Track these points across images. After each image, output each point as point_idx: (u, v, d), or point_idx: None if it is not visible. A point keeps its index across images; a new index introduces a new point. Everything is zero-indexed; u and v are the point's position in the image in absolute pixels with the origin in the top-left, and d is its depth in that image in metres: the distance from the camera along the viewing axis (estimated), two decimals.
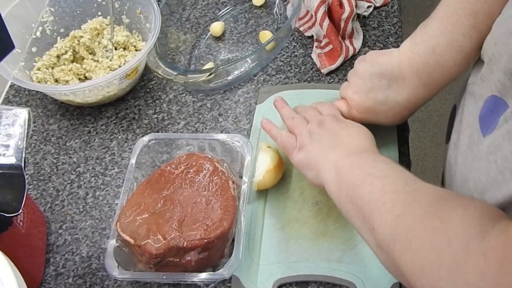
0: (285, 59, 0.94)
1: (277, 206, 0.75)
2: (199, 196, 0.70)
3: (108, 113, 0.90)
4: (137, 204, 0.70)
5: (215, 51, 0.97)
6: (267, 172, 0.74)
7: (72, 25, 0.97)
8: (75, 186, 0.81)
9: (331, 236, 0.71)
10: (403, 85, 0.70)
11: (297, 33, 0.97)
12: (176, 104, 0.90)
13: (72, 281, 0.72)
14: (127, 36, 0.94)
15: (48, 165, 0.84)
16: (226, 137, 0.77)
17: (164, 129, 0.87)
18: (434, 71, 0.68)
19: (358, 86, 0.73)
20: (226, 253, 0.69)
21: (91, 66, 0.91)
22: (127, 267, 0.68)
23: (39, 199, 0.80)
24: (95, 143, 0.86)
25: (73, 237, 0.76)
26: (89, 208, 0.79)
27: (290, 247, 0.71)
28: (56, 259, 0.74)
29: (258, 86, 0.90)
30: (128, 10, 0.95)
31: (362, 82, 0.72)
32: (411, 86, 0.70)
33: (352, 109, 0.74)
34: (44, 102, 0.93)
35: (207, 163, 0.73)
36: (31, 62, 0.91)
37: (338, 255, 0.69)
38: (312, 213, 0.74)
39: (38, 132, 0.89)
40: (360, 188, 0.57)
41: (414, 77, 0.69)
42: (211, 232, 0.66)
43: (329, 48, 0.90)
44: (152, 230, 0.66)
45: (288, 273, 0.68)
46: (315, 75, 0.90)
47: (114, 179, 0.82)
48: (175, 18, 1.00)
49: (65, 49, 0.92)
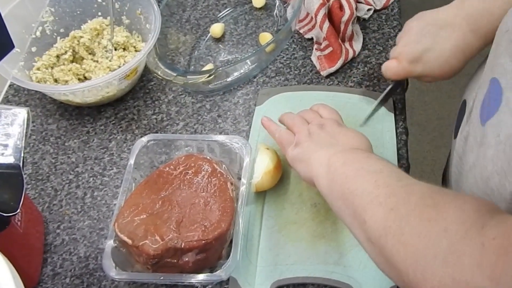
0: (284, 61, 0.94)
1: (275, 208, 0.75)
2: (197, 197, 0.70)
3: (107, 113, 0.90)
4: (135, 205, 0.70)
5: (215, 53, 0.97)
6: (266, 173, 0.74)
7: (72, 25, 0.97)
8: (73, 186, 0.81)
9: (329, 238, 0.71)
10: (452, 31, 0.71)
11: (297, 35, 0.97)
12: (175, 105, 0.90)
13: (69, 281, 0.72)
14: (127, 37, 0.94)
15: (47, 165, 0.84)
16: (225, 139, 0.77)
17: (163, 130, 0.87)
18: (482, 18, 0.68)
19: (406, 39, 0.74)
20: (224, 255, 0.69)
21: (90, 67, 0.91)
22: (124, 268, 0.68)
23: (37, 198, 0.80)
24: (93, 143, 0.86)
25: (71, 237, 0.76)
26: (87, 208, 0.79)
27: (288, 249, 0.71)
28: (54, 259, 0.74)
29: (258, 88, 0.90)
30: (128, 10, 0.95)
31: (410, 35, 0.73)
32: (460, 32, 0.70)
33: (402, 61, 0.74)
34: (43, 102, 0.93)
35: (206, 164, 0.73)
36: (30, 62, 0.91)
37: (335, 257, 0.69)
38: (310, 215, 0.74)
39: (37, 131, 0.88)
40: (352, 182, 0.56)
41: (463, 23, 0.70)
42: (209, 234, 0.66)
43: (329, 51, 0.90)
44: (150, 231, 0.66)
45: (285, 275, 0.68)
46: (314, 77, 0.91)
47: (112, 180, 0.82)
48: (175, 19, 1.00)
49: (65, 49, 0.92)
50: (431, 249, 0.44)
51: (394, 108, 0.84)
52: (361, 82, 0.89)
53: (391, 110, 0.83)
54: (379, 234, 0.50)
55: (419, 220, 0.46)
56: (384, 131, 0.81)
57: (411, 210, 0.48)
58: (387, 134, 0.80)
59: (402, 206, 0.49)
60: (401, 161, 0.78)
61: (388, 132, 0.81)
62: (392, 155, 0.78)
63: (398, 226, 0.48)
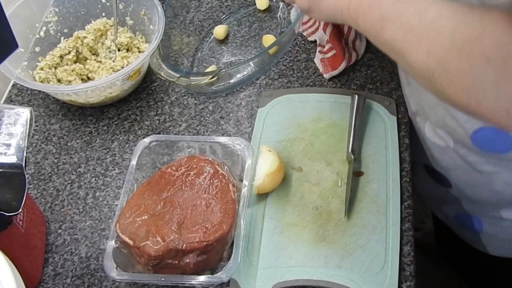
0: (287, 63, 0.94)
1: (276, 210, 0.75)
2: (199, 198, 0.70)
3: (110, 114, 0.90)
4: (137, 206, 0.70)
5: (218, 54, 0.97)
6: (268, 175, 0.74)
7: (76, 26, 0.97)
8: (75, 186, 0.81)
9: (330, 241, 0.71)
10: None
11: (300, 38, 0.97)
12: (178, 106, 0.90)
13: (70, 282, 0.72)
14: (130, 38, 0.94)
15: (49, 165, 0.84)
16: (227, 140, 0.77)
17: (166, 131, 0.87)
18: None
19: None
20: (225, 256, 0.69)
21: (94, 67, 0.91)
22: (125, 269, 0.68)
23: (39, 198, 0.80)
24: (96, 143, 0.86)
25: (72, 237, 0.76)
26: (89, 208, 0.79)
27: (289, 252, 0.71)
28: (55, 259, 0.74)
29: (260, 90, 0.90)
30: (132, 11, 0.95)
31: None
32: None
33: None
34: (46, 102, 0.93)
35: (208, 165, 0.73)
36: (34, 62, 0.91)
37: (337, 260, 0.69)
38: (312, 217, 0.74)
39: (39, 131, 0.89)
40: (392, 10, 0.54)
41: None
42: (210, 235, 0.66)
43: (332, 53, 0.90)
44: (151, 232, 0.66)
45: (286, 277, 0.68)
46: (317, 80, 0.90)
47: (114, 180, 0.82)
48: (178, 21, 1.01)
49: (69, 49, 0.92)
50: (479, 76, 0.45)
51: (396, 111, 0.84)
52: (364, 85, 0.89)
53: (393, 113, 0.83)
54: (426, 75, 0.50)
55: (459, 56, 0.47)
56: (387, 134, 0.81)
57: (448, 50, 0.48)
58: (390, 137, 0.80)
59: (438, 48, 0.49)
60: (404, 164, 0.78)
61: (391, 135, 0.81)
62: (394, 158, 0.78)
63: (441, 68, 0.49)
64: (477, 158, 0.72)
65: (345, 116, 0.83)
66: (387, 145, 0.80)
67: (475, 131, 0.67)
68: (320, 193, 0.76)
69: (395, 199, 0.74)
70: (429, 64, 0.49)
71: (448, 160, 0.77)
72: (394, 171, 0.77)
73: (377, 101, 0.85)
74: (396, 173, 0.76)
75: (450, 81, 0.48)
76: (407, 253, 0.70)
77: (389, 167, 0.77)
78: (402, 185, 0.76)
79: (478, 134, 0.67)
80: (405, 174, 0.77)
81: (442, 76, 0.49)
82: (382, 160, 0.78)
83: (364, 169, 0.78)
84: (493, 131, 0.65)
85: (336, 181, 0.77)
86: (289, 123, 0.84)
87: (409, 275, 0.68)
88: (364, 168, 0.78)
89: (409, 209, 0.74)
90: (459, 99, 0.48)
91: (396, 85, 0.87)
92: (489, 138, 0.66)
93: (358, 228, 0.72)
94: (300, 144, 0.81)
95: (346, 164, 0.78)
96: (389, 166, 0.77)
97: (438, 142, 0.76)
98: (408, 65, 0.53)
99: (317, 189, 0.76)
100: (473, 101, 0.47)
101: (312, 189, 0.76)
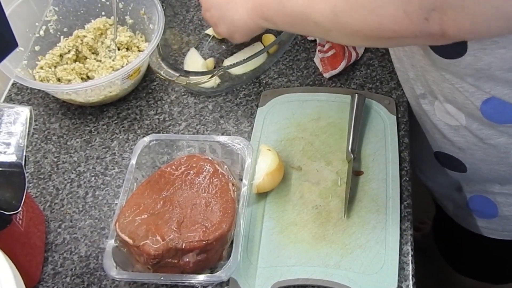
0: (287, 62, 0.94)
1: (276, 209, 0.75)
2: (199, 197, 0.70)
3: (110, 113, 0.90)
4: (136, 205, 0.70)
5: (218, 53, 0.97)
6: (267, 175, 0.74)
7: (76, 25, 0.97)
8: (75, 185, 0.81)
9: (330, 240, 0.71)
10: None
11: (300, 37, 0.97)
12: (178, 105, 0.90)
13: (70, 280, 0.72)
14: (130, 37, 0.94)
15: (49, 164, 0.84)
16: (227, 139, 0.77)
17: (165, 130, 0.87)
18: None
19: None
20: (225, 255, 0.69)
21: (93, 66, 0.91)
22: (125, 267, 0.68)
23: (39, 197, 0.80)
24: (96, 142, 0.86)
25: (72, 236, 0.76)
26: (89, 207, 0.79)
27: (289, 251, 0.71)
28: (55, 258, 0.74)
29: (260, 89, 0.90)
30: (132, 10, 0.95)
31: None
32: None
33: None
34: (46, 101, 0.93)
35: (208, 165, 0.73)
36: (34, 61, 0.91)
37: (336, 259, 0.69)
38: (311, 217, 0.74)
39: (39, 130, 0.89)
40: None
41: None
42: (210, 234, 0.66)
43: (331, 53, 0.90)
44: (151, 231, 0.66)
45: (286, 276, 0.68)
46: (317, 79, 0.91)
47: (114, 179, 0.82)
48: (178, 20, 1.01)
49: (68, 48, 0.92)
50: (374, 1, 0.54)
51: (396, 111, 0.84)
52: (363, 84, 0.89)
53: (393, 112, 0.83)
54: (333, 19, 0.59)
55: None
56: (387, 133, 0.81)
57: None
58: (389, 137, 0.80)
59: None
60: (403, 164, 0.78)
61: (390, 135, 0.81)
62: (394, 158, 0.78)
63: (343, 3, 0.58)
64: (490, 131, 0.71)
65: (344, 115, 0.83)
66: (386, 144, 0.80)
67: (483, 102, 0.66)
68: (320, 192, 0.76)
69: (394, 199, 0.74)
70: (331, 9, 0.58)
71: (461, 140, 0.76)
72: (394, 170, 0.77)
73: (376, 101, 0.85)
74: (395, 172, 0.76)
75: (352, 11, 0.56)
76: (406, 252, 0.70)
77: (388, 166, 0.77)
78: (402, 184, 0.76)
79: (487, 106, 0.67)
80: (404, 173, 0.77)
81: (345, 12, 0.57)
82: (382, 159, 0.78)
83: (364, 168, 0.78)
84: (500, 101, 0.65)
85: (335, 180, 0.77)
86: (289, 122, 0.84)
87: (409, 275, 0.68)
88: (364, 167, 0.78)
89: (409, 208, 0.74)
90: (365, 24, 0.55)
91: (396, 85, 0.87)
92: (498, 108, 0.66)
93: (358, 227, 0.72)
94: (299, 143, 0.81)
95: (345, 163, 0.78)
96: (388, 165, 0.77)
97: (449, 121, 0.75)
98: (315, 24, 0.61)
99: (316, 188, 0.76)
100: (375, 21, 0.53)
101: (311, 188, 0.76)
